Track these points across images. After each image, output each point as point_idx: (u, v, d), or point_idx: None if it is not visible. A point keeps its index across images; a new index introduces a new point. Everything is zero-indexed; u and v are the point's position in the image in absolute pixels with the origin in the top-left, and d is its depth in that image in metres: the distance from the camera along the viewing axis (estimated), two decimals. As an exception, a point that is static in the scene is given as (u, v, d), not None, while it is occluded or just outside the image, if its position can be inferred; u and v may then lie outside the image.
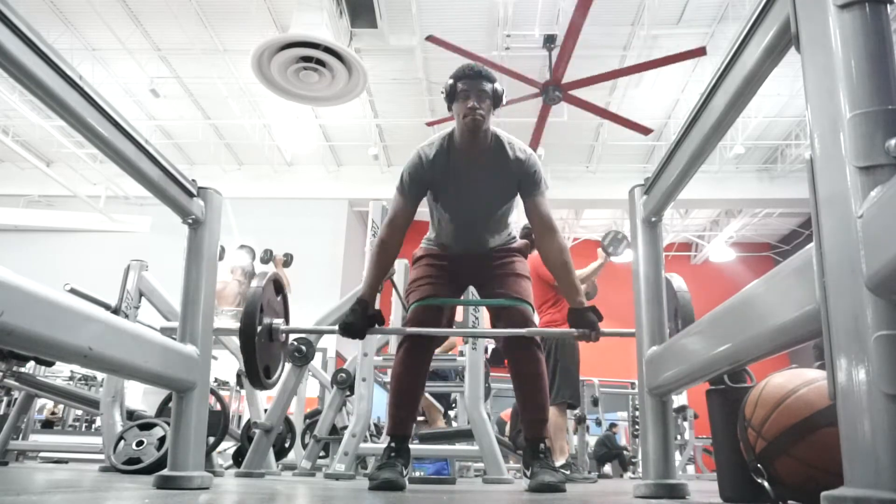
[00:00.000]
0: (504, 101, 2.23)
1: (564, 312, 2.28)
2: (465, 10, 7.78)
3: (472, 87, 2.15)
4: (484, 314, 3.59)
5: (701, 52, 6.31)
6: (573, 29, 6.26)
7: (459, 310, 3.55)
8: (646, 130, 7.83)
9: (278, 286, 2.39)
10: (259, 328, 2.17)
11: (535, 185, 2.24)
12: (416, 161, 2.24)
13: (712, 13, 7.74)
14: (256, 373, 2.14)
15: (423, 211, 2.38)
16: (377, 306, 2.26)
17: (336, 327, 2.20)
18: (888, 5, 0.91)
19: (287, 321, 2.44)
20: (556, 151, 10.31)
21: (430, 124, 8.26)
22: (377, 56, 8.36)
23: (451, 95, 2.19)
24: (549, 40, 7.80)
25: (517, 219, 2.46)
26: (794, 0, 1.01)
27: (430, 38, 7.05)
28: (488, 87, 2.17)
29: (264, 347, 2.22)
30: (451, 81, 2.20)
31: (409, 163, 2.25)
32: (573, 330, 2.12)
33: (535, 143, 8.23)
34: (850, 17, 0.90)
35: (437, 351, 2.52)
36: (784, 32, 1.08)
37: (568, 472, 3.78)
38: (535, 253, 4.19)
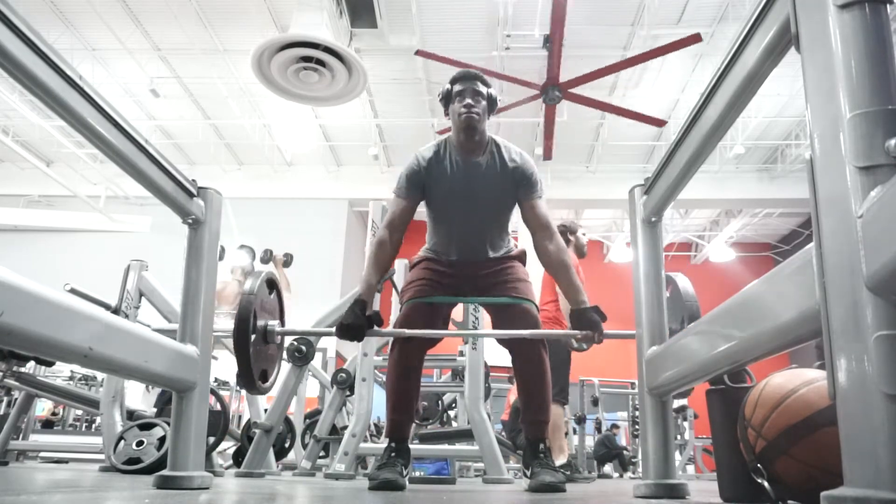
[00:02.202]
0: (498, 106, 2.27)
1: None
2: (464, 10, 7.78)
3: (467, 87, 2.21)
4: (484, 316, 3.58)
5: (697, 38, 6.24)
6: (557, 21, 6.20)
7: (458, 310, 3.54)
8: (659, 122, 7.71)
9: (272, 285, 2.34)
10: (253, 334, 2.11)
11: (531, 188, 2.25)
12: (414, 162, 2.27)
13: (712, 13, 7.74)
14: (252, 378, 2.09)
15: (423, 210, 2.37)
16: (377, 307, 2.25)
17: (333, 329, 2.17)
18: (888, 5, 0.91)
19: (283, 322, 2.39)
20: (556, 151, 10.29)
21: (440, 132, 8.26)
22: (377, 56, 8.37)
23: (448, 98, 2.25)
24: (550, 40, 7.80)
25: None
26: (794, 0, 1.01)
27: (419, 53, 7.08)
28: (483, 89, 2.23)
29: (260, 351, 2.17)
30: (447, 86, 2.26)
31: (407, 165, 2.29)
32: (576, 332, 2.10)
33: (548, 146, 8.17)
34: (849, 17, 0.90)
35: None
36: (784, 32, 1.08)
37: (568, 472, 3.78)
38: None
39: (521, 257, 2.44)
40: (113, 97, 6.02)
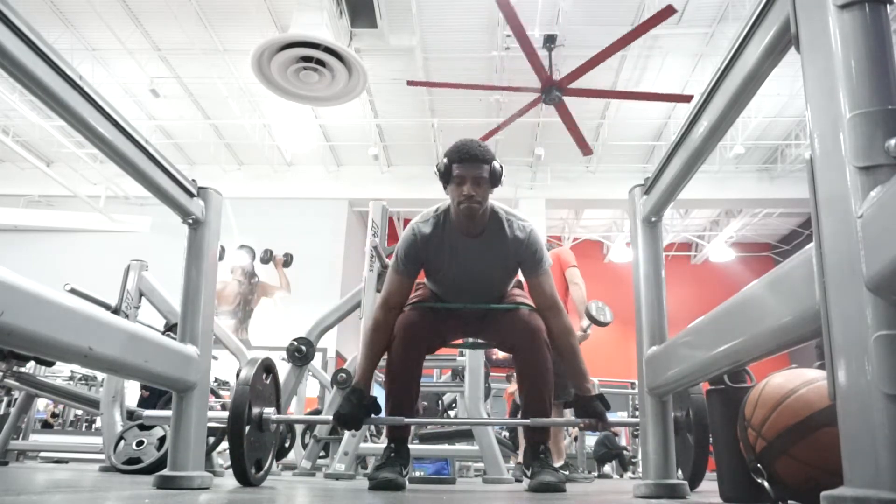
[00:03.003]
0: (502, 182, 2.09)
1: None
2: (465, 10, 7.78)
3: (468, 171, 2.01)
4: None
5: (671, 10, 6.00)
6: (517, 28, 6.08)
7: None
8: (681, 98, 7.09)
9: (269, 371, 2.24)
10: (248, 424, 2.01)
11: (536, 265, 2.15)
12: (412, 238, 2.15)
13: (712, 13, 7.74)
14: (244, 470, 1.98)
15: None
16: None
17: (329, 417, 2.14)
18: (888, 5, 0.91)
19: (279, 408, 2.27)
20: (556, 151, 10.32)
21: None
22: (377, 56, 8.36)
23: (447, 177, 2.06)
24: (549, 40, 7.80)
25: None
26: (794, 0, 1.01)
27: (410, 83, 7.11)
28: (486, 169, 2.03)
29: (255, 441, 2.09)
30: (445, 161, 2.06)
31: (404, 239, 2.17)
32: (580, 420, 2.08)
33: (580, 142, 7.73)
34: (849, 17, 0.90)
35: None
36: (784, 32, 1.08)
37: (567, 473, 3.78)
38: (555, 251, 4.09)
39: (519, 283, 2.40)
40: (113, 97, 6.02)
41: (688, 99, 7.10)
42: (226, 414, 1.98)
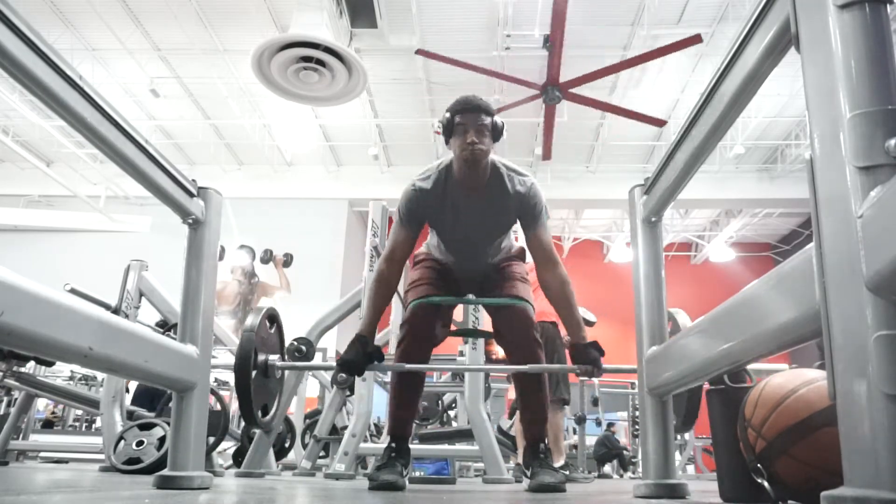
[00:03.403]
0: (504, 135, 2.14)
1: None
2: (465, 10, 7.78)
3: (471, 121, 2.06)
4: (484, 315, 3.59)
5: (697, 39, 6.26)
6: (558, 20, 6.20)
7: (458, 310, 3.55)
8: (658, 122, 7.70)
9: (273, 320, 2.34)
10: (254, 370, 2.11)
11: (535, 218, 2.17)
12: (412, 194, 2.17)
13: (712, 13, 7.74)
14: (252, 413, 2.09)
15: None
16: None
17: (333, 363, 2.21)
18: (888, 5, 0.91)
19: (283, 356, 2.40)
20: (556, 151, 10.29)
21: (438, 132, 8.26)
22: (377, 56, 8.36)
23: (449, 129, 2.09)
24: (550, 41, 7.80)
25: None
26: (794, 0, 1.01)
27: (419, 52, 7.07)
28: (488, 120, 2.08)
29: (260, 386, 2.17)
30: (447, 115, 2.10)
31: (405, 196, 2.18)
32: (575, 367, 2.11)
33: (547, 146, 8.17)
34: (849, 17, 0.90)
35: None
36: (784, 32, 1.08)
37: (567, 473, 3.78)
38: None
39: (521, 255, 2.45)
40: (113, 97, 6.02)
41: (662, 123, 7.85)
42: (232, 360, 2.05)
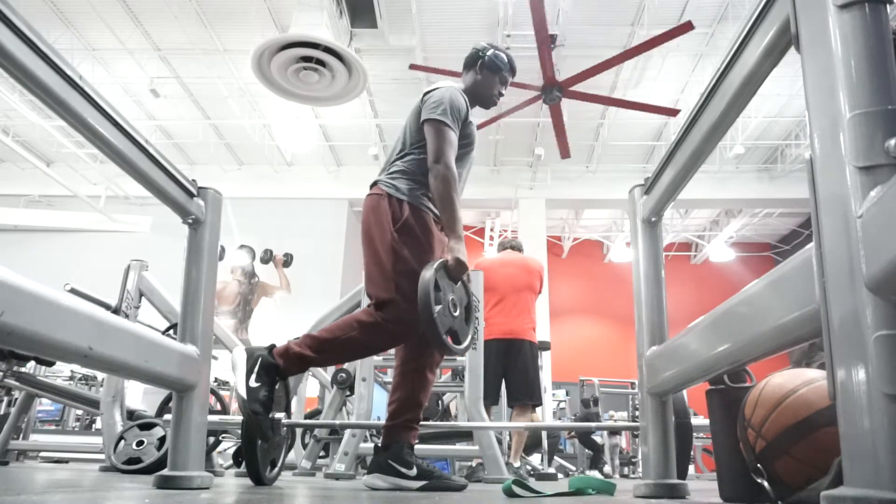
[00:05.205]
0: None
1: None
2: (465, 9, 7.78)
3: (507, 81, 2.46)
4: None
5: (689, 26, 6.27)
6: (538, 18, 6.18)
7: None
8: (669, 111, 7.66)
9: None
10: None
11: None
12: (461, 105, 2.22)
13: (712, 13, 7.74)
14: (259, 474, 2.07)
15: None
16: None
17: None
18: (888, 5, 0.91)
19: (289, 413, 2.35)
20: (556, 151, 10.29)
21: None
22: (377, 56, 8.36)
23: (494, 70, 2.39)
24: (549, 40, 7.81)
25: None
26: (794, 0, 1.01)
27: (413, 67, 7.09)
28: None
29: (267, 446, 2.14)
30: (504, 58, 2.41)
31: (454, 103, 2.18)
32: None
33: (563, 147, 8.16)
34: (849, 17, 0.90)
35: None
36: (784, 32, 1.08)
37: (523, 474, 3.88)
38: (527, 258, 4.22)
39: None
40: (113, 97, 6.02)
41: (675, 113, 7.68)
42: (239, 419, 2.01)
